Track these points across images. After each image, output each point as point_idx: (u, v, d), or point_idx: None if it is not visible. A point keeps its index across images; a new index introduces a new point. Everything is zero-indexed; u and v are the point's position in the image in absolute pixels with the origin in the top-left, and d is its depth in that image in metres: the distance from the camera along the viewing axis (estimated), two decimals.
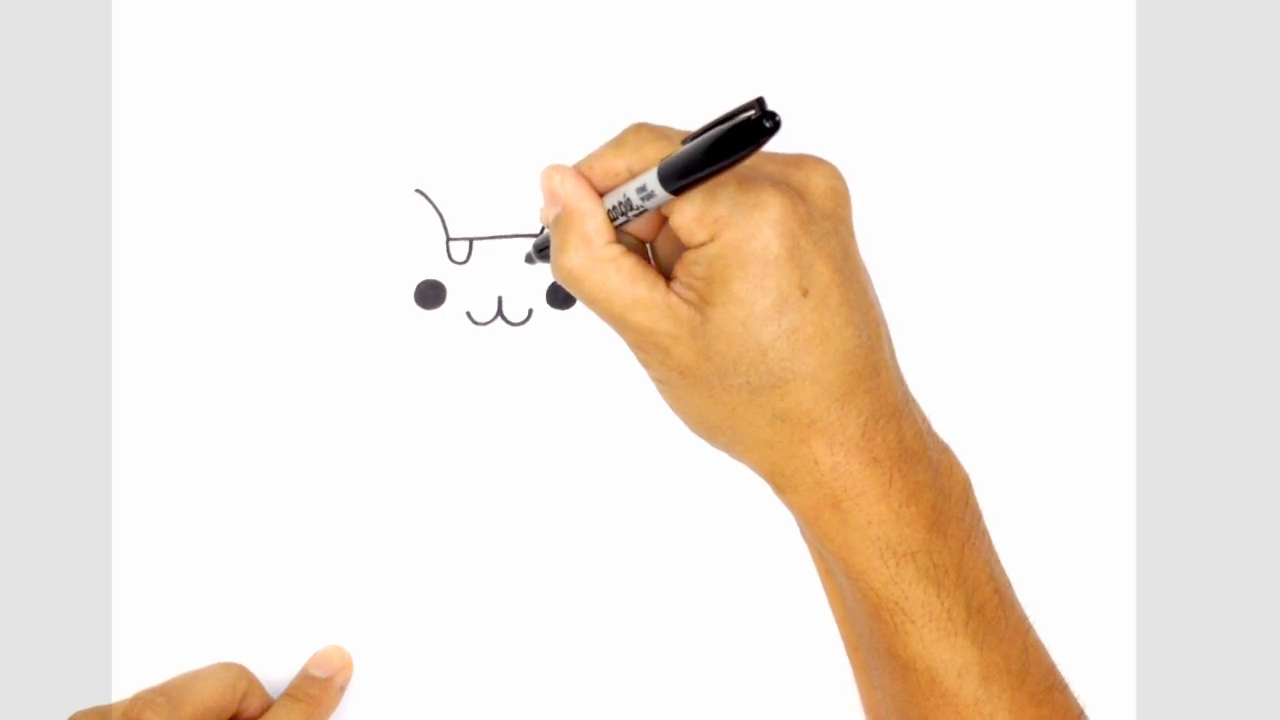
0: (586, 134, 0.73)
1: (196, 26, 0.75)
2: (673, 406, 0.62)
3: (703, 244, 0.57)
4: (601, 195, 0.59)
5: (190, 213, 0.75)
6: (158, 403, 0.74)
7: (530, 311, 0.75)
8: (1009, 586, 0.61)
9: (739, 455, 0.61)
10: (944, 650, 0.58)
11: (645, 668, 0.74)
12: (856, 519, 0.58)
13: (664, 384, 0.61)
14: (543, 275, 0.75)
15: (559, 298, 0.75)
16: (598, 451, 0.74)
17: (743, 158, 0.53)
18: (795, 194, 0.57)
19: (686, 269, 0.58)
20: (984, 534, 0.61)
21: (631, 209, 0.58)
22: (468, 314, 0.75)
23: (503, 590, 0.74)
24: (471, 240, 0.75)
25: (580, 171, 0.60)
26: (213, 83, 0.75)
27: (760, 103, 0.53)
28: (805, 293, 0.57)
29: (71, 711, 0.67)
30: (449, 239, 0.75)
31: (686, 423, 0.62)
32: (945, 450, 0.61)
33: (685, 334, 0.58)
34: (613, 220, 0.59)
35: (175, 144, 0.75)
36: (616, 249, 0.59)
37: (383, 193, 0.75)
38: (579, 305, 0.75)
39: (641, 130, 0.60)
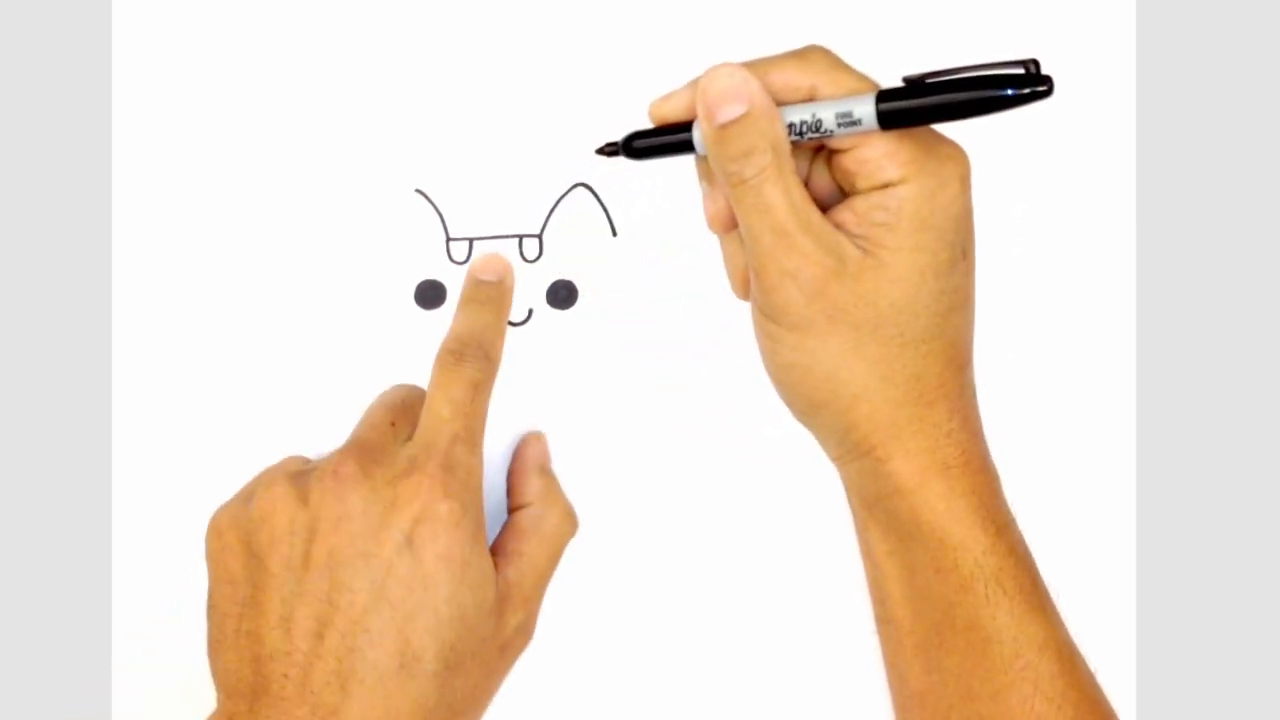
0: (587, 133, 0.73)
1: (196, 27, 0.75)
2: (787, 353, 0.59)
3: (887, 185, 0.55)
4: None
5: (190, 213, 0.75)
6: (158, 403, 0.74)
7: (530, 311, 0.75)
8: None
9: (842, 414, 0.59)
10: (1030, 623, 0.58)
11: (642, 668, 0.74)
12: (963, 486, 0.58)
13: (798, 328, 0.58)
14: (543, 275, 0.75)
15: (559, 298, 0.75)
16: (597, 451, 0.74)
17: (993, 110, 0.52)
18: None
19: (858, 211, 0.56)
20: None
21: (809, 131, 0.55)
22: None
23: None
24: (471, 240, 0.75)
25: (744, 77, 0.56)
26: (213, 83, 0.75)
27: (1035, 64, 0.52)
28: (966, 255, 0.57)
29: (71, 712, 0.67)
30: (449, 239, 0.75)
31: (790, 372, 0.59)
32: None
33: (851, 274, 0.56)
34: None
35: (175, 144, 0.75)
36: (793, 168, 0.56)
37: (383, 193, 0.75)
38: (579, 305, 0.75)
39: (829, 54, 0.57)
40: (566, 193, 0.75)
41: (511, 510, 0.69)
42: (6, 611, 0.70)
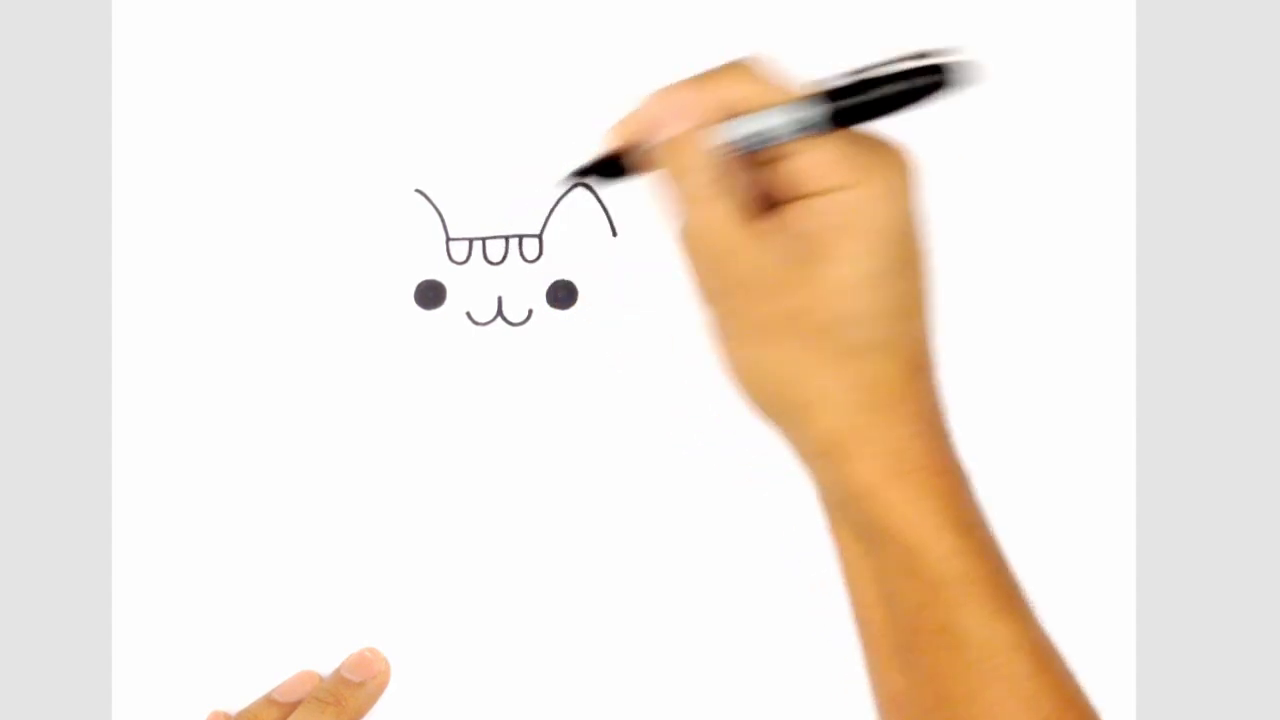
0: (587, 133, 0.73)
1: (197, 27, 0.75)
2: (741, 360, 0.59)
3: (832, 191, 0.56)
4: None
5: (190, 213, 0.75)
6: (158, 404, 0.74)
7: (530, 312, 0.75)
8: None
9: (801, 419, 0.59)
10: (1000, 624, 0.58)
11: (642, 667, 0.74)
12: (927, 488, 0.58)
13: (748, 334, 0.58)
14: (543, 275, 0.75)
15: (558, 298, 0.75)
16: (598, 451, 0.74)
17: (928, 100, 0.52)
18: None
19: (801, 217, 0.56)
20: None
21: (758, 142, 0.56)
22: (468, 314, 0.75)
23: (503, 590, 0.74)
24: (471, 240, 0.75)
25: (685, 96, 0.57)
26: (213, 83, 0.75)
27: (939, 54, 0.52)
28: (917, 260, 0.57)
29: (71, 712, 0.67)
30: (449, 239, 0.75)
31: (749, 378, 0.59)
32: None
33: (799, 280, 0.56)
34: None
35: (175, 144, 0.75)
36: (734, 181, 0.57)
37: (383, 193, 0.75)
38: (579, 305, 0.75)
39: (747, 68, 0.57)
40: (566, 193, 0.75)
41: None
42: (6, 611, 0.70)
